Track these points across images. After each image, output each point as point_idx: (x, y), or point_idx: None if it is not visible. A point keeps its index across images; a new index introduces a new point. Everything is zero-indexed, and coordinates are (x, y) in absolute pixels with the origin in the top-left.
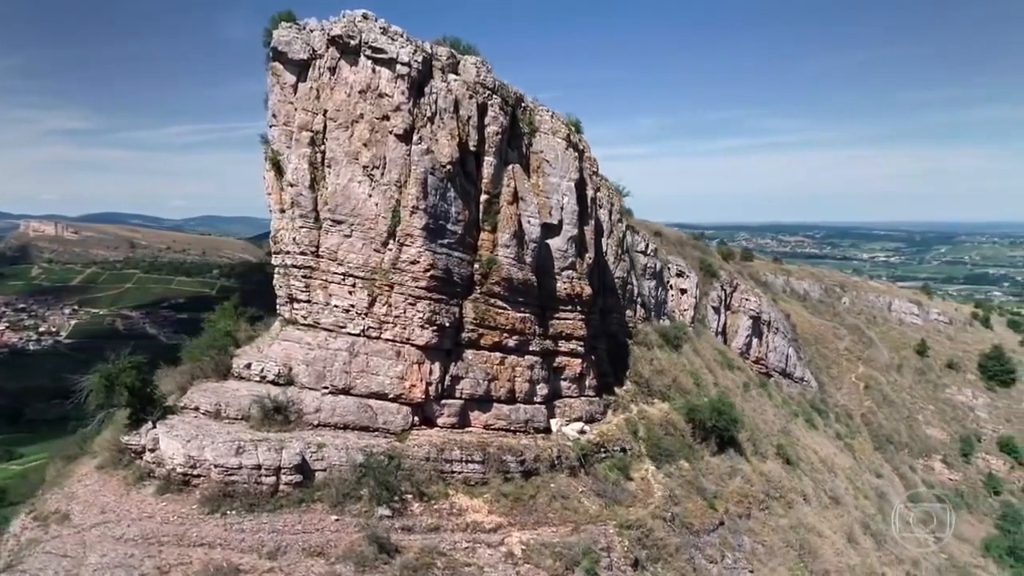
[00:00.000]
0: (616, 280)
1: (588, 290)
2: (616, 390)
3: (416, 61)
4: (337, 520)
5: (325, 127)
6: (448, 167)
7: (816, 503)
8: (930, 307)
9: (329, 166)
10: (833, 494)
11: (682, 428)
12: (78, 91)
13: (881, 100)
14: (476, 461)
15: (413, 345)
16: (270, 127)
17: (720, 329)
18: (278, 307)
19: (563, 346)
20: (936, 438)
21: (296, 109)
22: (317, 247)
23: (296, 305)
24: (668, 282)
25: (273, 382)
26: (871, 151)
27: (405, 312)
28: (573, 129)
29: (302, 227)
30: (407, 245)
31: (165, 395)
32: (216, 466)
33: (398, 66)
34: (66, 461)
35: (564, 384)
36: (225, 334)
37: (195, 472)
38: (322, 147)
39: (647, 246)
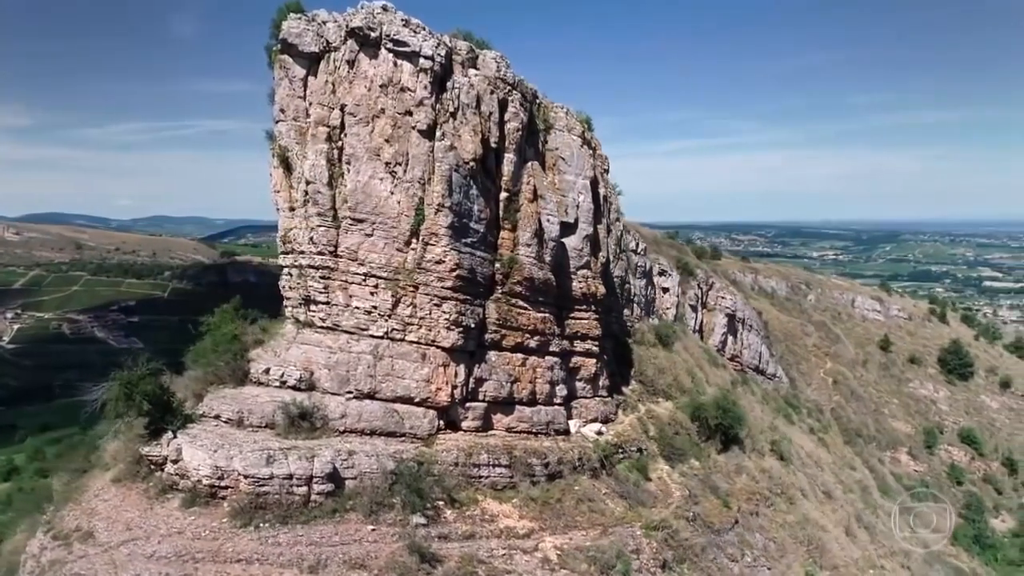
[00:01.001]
0: (615, 279)
1: (603, 289)
2: (624, 389)
3: (439, 55)
4: (373, 530)
5: (342, 122)
6: (471, 164)
7: (813, 498)
8: (890, 303)
9: (348, 163)
10: (825, 488)
11: (688, 427)
12: (17, 87)
13: (830, 103)
14: (503, 465)
15: (438, 347)
16: (276, 123)
17: (697, 327)
18: (288, 309)
19: (578, 346)
20: (901, 431)
21: (311, 104)
22: (336, 246)
23: (313, 307)
24: (654, 281)
25: (294, 387)
26: (820, 152)
27: (430, 313)
28: (586, 127)
29: (320, 226)
30: (432, 244)
31: (183, 403)
32: (246, 477)
33: (421, 60)
34: (74, 474)
35: (579, 385)
36: (232, 338)
37: (223, 484)
38: (339, 143)
39: (637, 245)
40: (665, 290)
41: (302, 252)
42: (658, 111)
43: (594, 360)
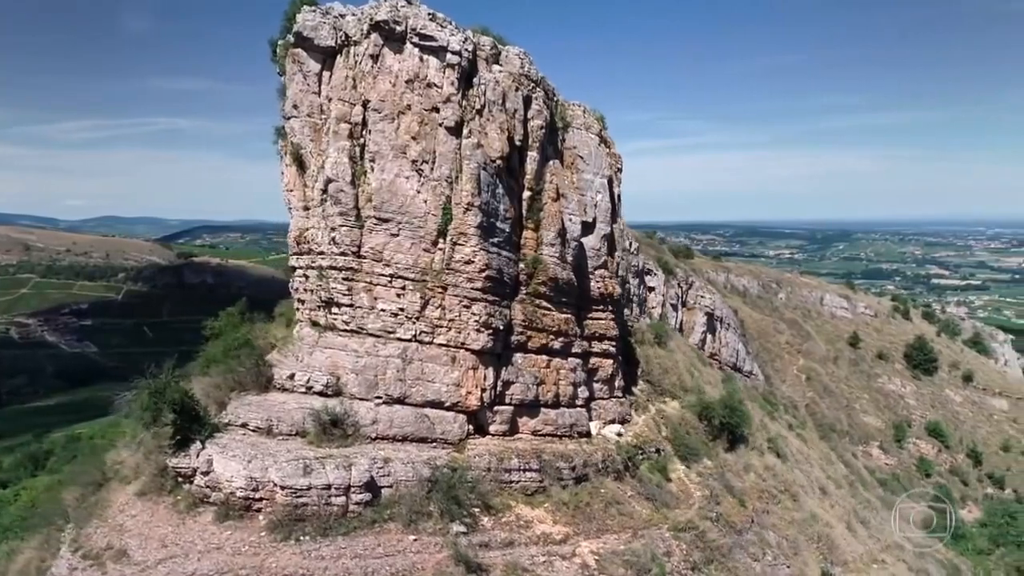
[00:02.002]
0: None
1: (619, 289)
2: (633, 389)
3: (467, 50)
4: (416, 540)
5: (365, 119)
6: (498, 162)
7: (812, 494)
8: (857, 301)
9: (373, 160)
10: (820, 484)
11: (696, 426)
12: None
13: (785, 105)
14: (533, 469)
15: (468, 350)
16: (287, 119)
17: (678, 326)
18: (305, 311)
19: (595, 347)
20: (872, 425)
21: (331, 99)
22: (359, 247)
23: (335, 309)
24: (644, 280)
25: (321, 393)
26: (776, 153)
27: (460, 315)
28: (601, 124)
29: (343, 226)
30: (460, 244)
31: (209, 411)
32: (283, 488)
33: (448, 55)
34: (87, 487)
35: (597, 386)
36: (244, 342)
37: (257, 496)
38: (360, 140)
39: (630, 244)
40: (651, 289)
41: (321, 253)
42: (620, 111)
43: (611, 361)
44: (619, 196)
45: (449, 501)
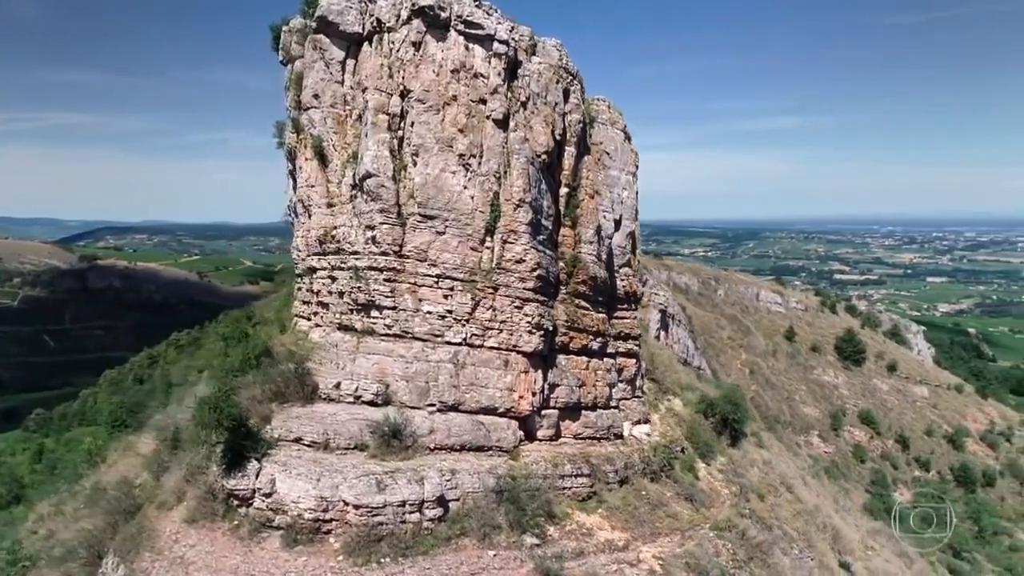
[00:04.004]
0: None
1: (641, 288)
2: (643, 388)
3: (514, 39)
4: (495, 555)
5: (403, 110)
6: (543, 157)
7: (802, 486)
8: (789, 296)
9: (416, 154)
10: (800, 475)
11: (702, 423)
12: None
13: (696, 108)
14: (584, 474)
15: (520, 352)
16: (305, 110)
17: None
18: (331, 315)
19: (621, 346)
20: (811, 415)
21: (364, 89)
22: (401, 246)
23: (377, 312)
24: None
25: (371, 403)
26: (688, 154)
27: (511, 317)
28: (624, 120)
29: (383, 223)
30: (511, 243)
31: (260, 427)
32: (357, 507)
33: (495, 44)
34: (119, 516)
35: (622, 386)
36: (264, 351)
37: (327, 517)
38: (399, 132)
39: None
40: None
41: (355, 253)
42: None
43: (634, 360)
44: (637, 192)
45: (518, 512)
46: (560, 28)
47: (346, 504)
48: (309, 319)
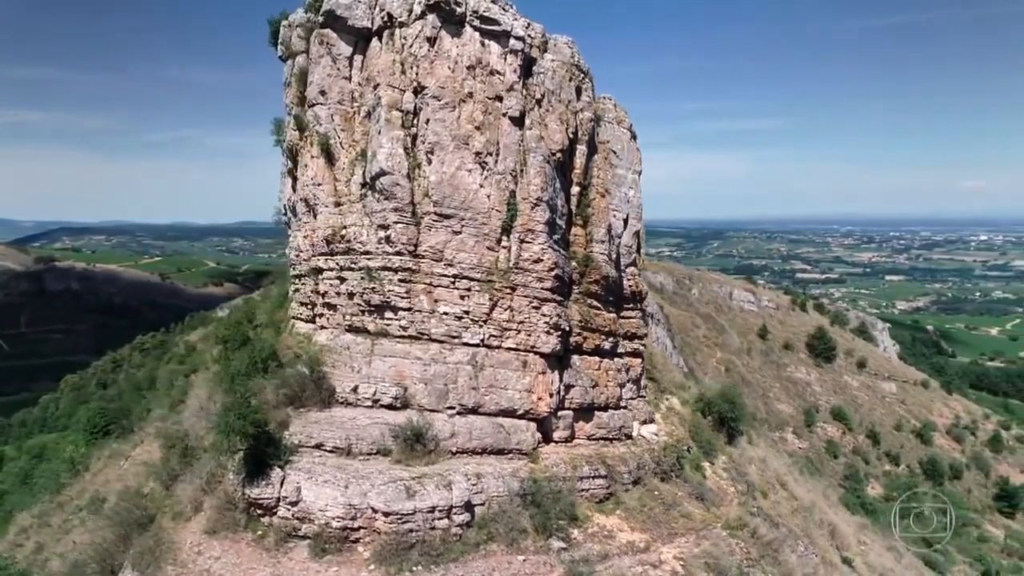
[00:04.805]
0: None
1: (645, 288)
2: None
3: (530, 36)
4: (524, 560)
5: (416, 107)
6: (558, 155)
7: (793, 482)
8: (761, 295)
9: (432, 152)
10: (789, 471)
11: (700, 422)
12: None
13: (661, 109)
14: (601, 476)
15: (538, 353)
16: (311, 107)
17: None
18: (338, 317)
19: (627, 346)
20: (786, 412)
21: (376, 85)
22: (416, 245)
23: (391, 314)
24: None
25: (389, 406)
26: (654, 155)
27: (529, 317)
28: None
29: (398, 223)
30: (528, 242)
31: (278, 432)
32: (387, 514)
33: (512, 40)
34: (131, 528)
35: (629, 385)
36: (271, 354)
37: (355, 525)
38: (412, 129)
39: None
40: None
41: (368, 253)
42: None
43: (639, 360)
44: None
45: (543, 515)
46: None
47: (375, 511)
48: (313, 321)
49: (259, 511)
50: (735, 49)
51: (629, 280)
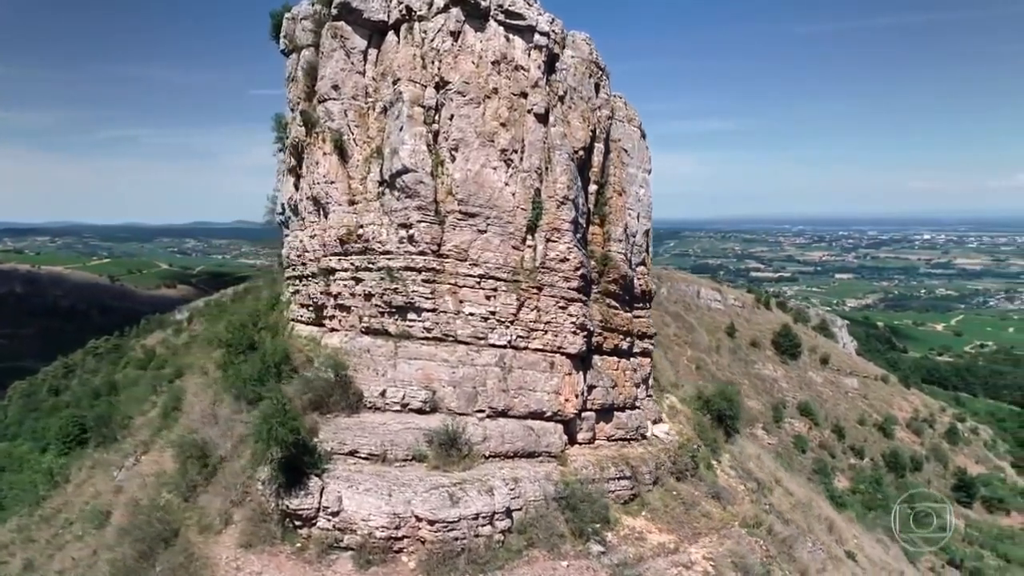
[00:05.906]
0: None
1: (654, 287)
2: None
3: (555, 31)
4: (568, 565)
5: (439, 103)
6: (580, 153)
7: (786, 479)
8: (727, 294)
9: (456, 149)
10: (781, 468)
11: (703, 420)
12: None
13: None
14: (626, 477)
15: (564, 354)
16: (322, 102)
17: None
18: (352, 319)
19: (638, 346)
20: (755, 408)
21: (397, 80)
22: (439, 245)
23: (415, 315)
24: None
25: (419, 411)
26: None
27: (556, 317)
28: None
29: (421, 221)
30: (554, 241)
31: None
32: (432, 523)
33: (536, 36)
34: (155, 543)
35: (642, 385)
36: (284, 358)
37: (399, 534)
38: (434, 126)
39: None
40: None
41: (388, 252)
42: None
43: (649, 359)
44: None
45: (578, 519)
46: None
47: (419, 520)
48: (319, 324)
49: (296, 522)
50: (690, 51)
51: (640, 279)
